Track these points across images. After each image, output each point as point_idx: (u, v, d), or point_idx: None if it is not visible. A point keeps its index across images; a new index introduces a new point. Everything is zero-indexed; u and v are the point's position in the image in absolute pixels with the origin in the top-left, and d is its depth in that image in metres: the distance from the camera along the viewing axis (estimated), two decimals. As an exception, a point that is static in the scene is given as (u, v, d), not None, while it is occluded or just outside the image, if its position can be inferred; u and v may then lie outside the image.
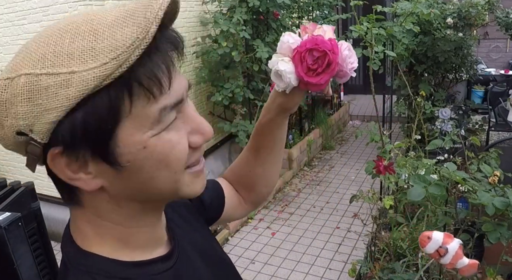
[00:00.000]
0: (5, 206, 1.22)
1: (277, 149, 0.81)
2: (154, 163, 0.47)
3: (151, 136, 0.46)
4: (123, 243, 0.53)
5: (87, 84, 0.41)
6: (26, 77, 0.42)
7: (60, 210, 3.44)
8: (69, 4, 2.76)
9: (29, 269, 1.18)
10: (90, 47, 0.41)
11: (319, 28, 0.68)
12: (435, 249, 0.97)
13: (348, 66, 0.68)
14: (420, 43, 3.83)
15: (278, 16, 3.91)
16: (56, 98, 0.41)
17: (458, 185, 1.61)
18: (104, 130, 0.43)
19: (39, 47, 0.43)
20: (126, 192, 0.49)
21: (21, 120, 0.42)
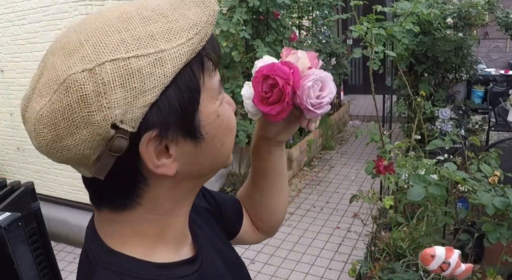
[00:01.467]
0: (5, 206, 1.22)
1: (272, 177, 0.77)
2: (224, 130, 0.51)
3: (218, 106, 0.50)
4: (152, 241, 0.52)
5: (180, 58, 0.43)
6: (112, 63, 0.40)
7: (60, 210, 3.44)
8: (69, 4, 2.76)
9: (29, 269, 1.18)
10: (167, 28, 0.43)
11: (293, 53, 0.63)
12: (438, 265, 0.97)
13: (309, 100, 0.60)
14: (420, 43, 3.83)
15: (278, 16, 3.91)
16: (152, 78, 0.41)
17: (458, 185, 1.61)
18: (193, 102, 0.46)
19: (108, 34, 0.41)
20: (196, 168, 0.51)
21: (117, 109, 0.40)
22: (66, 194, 3.39)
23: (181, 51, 0.43)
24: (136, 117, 0.41)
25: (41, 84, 0.42)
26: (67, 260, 3.25)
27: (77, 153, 0.42)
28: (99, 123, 0.40)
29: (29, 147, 3.45)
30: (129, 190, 0.48)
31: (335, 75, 5.58)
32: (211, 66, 0.48)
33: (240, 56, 3.58)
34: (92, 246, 0.52)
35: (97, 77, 0.39)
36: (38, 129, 0.42)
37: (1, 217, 1.11)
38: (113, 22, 0.43)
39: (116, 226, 0.51)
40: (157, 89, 0.42)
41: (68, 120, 0.40)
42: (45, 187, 3.48)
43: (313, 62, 0.63)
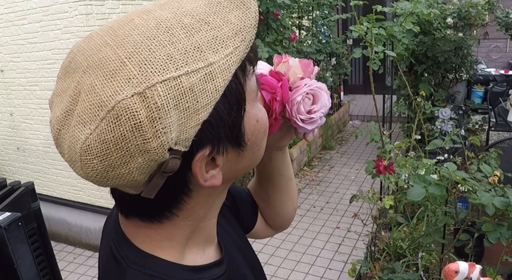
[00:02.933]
0: (5, 206, 1.22)
1: (277, 180, 0.75)
2: (262, 134, 0.49)
3: (257, 109, 0.48)
4: (182, 244, 0.51)
5: (230, 70, 0.40)
6: (163, 84, 0.37)
7: (60, 210, 3.44)
8: (69, 4, 2.76)
9: (29, 269, 1.18)
10: (212, 36, 0.40)
11: (284, 62, 0.59)
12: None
13: (299, 116, 0.56)
14: (420, 43, 3.83)
15: (278, 16, 3.91)
16: (205, 94, 0.39)
17: (458, 185, 1.61)
18: (240, 112, 0.43)
19: (152, 50, 0.38)
20: (232, 175, 0.50)
21: (172, 133, 0.37)
22: (66, 194, 3.39)
23: (230, 61, 0.40)
24: (190, 137, 0.39)
25: (80, 109, 0.38)
26: (67, 260, 3.25)
27: (130, 180, 0.40)
28: (155, 149, 0.38)
29: (29, 147, 3.45)
30: (171, 203, 0.47)
31: (335, 75, 5.59)
32: (251, 68, 0.46)
33: (240, 56, 3.57)
34: (120, 248, 0.50)
35: (150, 102, 0.36)
36: (86, 160, 0.39)
37: (1, 217, 1.11)
38: (153, 33, 0.39)
39: (145, 231, 0.49)
40: (210, 105, 0.39)
41: (122, 150, 0.37)
42: (45, 187, 3.48)
43: (306, 71, 0.58)
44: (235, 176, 0.52)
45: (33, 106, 3.28)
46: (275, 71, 0.58)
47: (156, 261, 0.48)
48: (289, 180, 0.78)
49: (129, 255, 0.49)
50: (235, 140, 0.45)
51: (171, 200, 0.46)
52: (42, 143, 3.35)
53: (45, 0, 2.87)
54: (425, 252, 2.25)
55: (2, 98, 3.46)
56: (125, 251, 0.49)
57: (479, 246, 2.26)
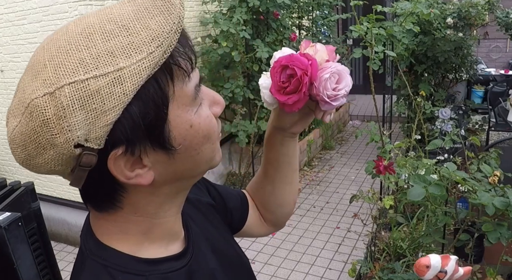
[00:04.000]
0: (5, 206, 1.22)
1: (284, 169, 0.78)
2: (200, 139, 0.50)
3: (193, 114, 0.48)
4: (140, 237, 0.53)
5: (141, 75, 0.41)
6: (70, 86, 0.40)
7: (60, 210, 3.44)
8: (69, 4, 2.76)
9: (29, 269, 1.18)
10: (128, 42, 0.42)
11: (311, 46, 0.64)
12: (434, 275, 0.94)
13: (326, 92, 0.61)
14: (420, 43, 3.83)
15: (278, 16, 3.91)
16: (112, 97, 0.41)
17: (458, 185, 1.61)
18: (159, 116, 0.44)
19: (69, 54, 0.41)
20: (172, 176, 0.51)
21: (78, 131, 0.41)
22: (66, 194, 3.39)
23: (142, 66, 0.41)
24: (100, 136, 0.42)
25: (14, 104, 0.44)
26: (67, 260, 3.25)
27: (50, 169, 0.44)
28: (62, 145, 0.41)
29: (29, 147, 3.45)
30: (109, 195, 0.49)
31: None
32: (184, 73, 0.46)
33: (240, 56, 3.58)
34: (86, 239, 0.54)
35: (57, 101, 0.40)
36: (13, 148, 0.44)
37: (1, 217, 1.11)
38: (75, 39, 0.42)
39: (103, 223, 0.53)
40: (118, 108, 0.41)
41: (35, 143, 0.42)
42: (45, 187, 3.48)
43: (331, 56, 0.63)
44: (180, 178, 0.52)
45: (33, 106, 3.28)
46: (304, 53, 0.63)
47: (112, 253, 0.51)
48: (294, 171, 0.80)
49: (90, 246, 0.53)
50: (157, 142, 0.46)
51: (105, 192, 0.49)
52: (42, 143, 3.35)
53: (45, 0, 2.87)
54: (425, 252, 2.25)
55: (2, 98, 3.46)
56: (88, 243, 0.53)
57: (479, 246, 2.26)
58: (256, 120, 3.76)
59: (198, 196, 0.73)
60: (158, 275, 0.53)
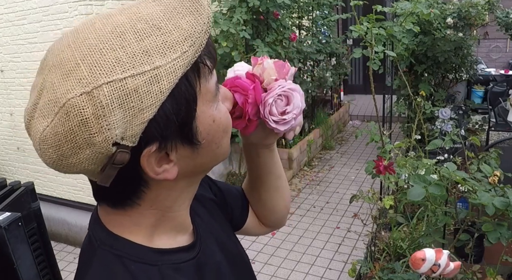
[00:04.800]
0: (5, 206, 1.22)
1: (266, 177, 0.77)
2: (221, 133, 0.52)
3: (214, 110, 0.50)
4: (151, 229, 0.54)
5: (176, 73, 0.43)
6: (109, 85, 0.40)
7: (60, 210, 3.44)
8: (69, 4, 2.76)
9: (29, 269, 1.18)
10: (162, 41, 0.43)
11: (259, 64, 0.60)
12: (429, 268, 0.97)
13: (271, 117, 0.58)
14: (420, 43, 3.83)
15: (278, 16, 3.91)
16: (150, 96, 0.42)
17: (458, 185, 1.61)
18: (190, 112, 0.46)
19: (103, 53, 0.42)
20: (192, 169, 0.52)
21: (117, 129, 0.41)
22: (66, 194, 3.39)
23: (177, 65, 0.43)
24: (136, 133, 0.43)
25: (41, 104, 0.43)
26: (67, 260, 3.25)
27: (82, 169, 0.45)
28: (100, 144, 0.42)
29: (29, 147, 3.45)
30: (131, 192, 0.50)
31: (335, 75, 5.59)
32: (208, 70, 0.48)
33: (240, 56, 3.58)
34: (95, 231, 0.55)
35: (96, 100, 0.40)
36: (44, 149, 0.44)
37: (1, 217, 1.11)
38: (107, 37, 0.42)
39: (115, 218, 0.53)
40: (155, 106, 0.42)
41: (71, 142, 0.42)
42: (45, 187, 3.48)
43: (281, 72, 0.59)
44: (197, 171, 0.55)
45: (33, 106, 3.28)
46: (251, 73, 0.60)
47: (124, 242, 0.52)
48: (278, 178, 0.79)
49: (101, 236, 0.53)
50: (186, 138, 0.48)
51: (130, 189, 0.50)
52: (42, 143, 3.35)
53: (45, 0, 2.87)
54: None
55: (2, 98, 3.46)
56: (98, 233, 0.54)
57: (479, 246, 2.26)
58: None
59: (202, 192, 0.73)
60: (169, 265, 0.54)
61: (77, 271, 0.55)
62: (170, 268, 0.53)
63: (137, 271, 0.51)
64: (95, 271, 0.51)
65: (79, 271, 0.54)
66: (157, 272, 0.52)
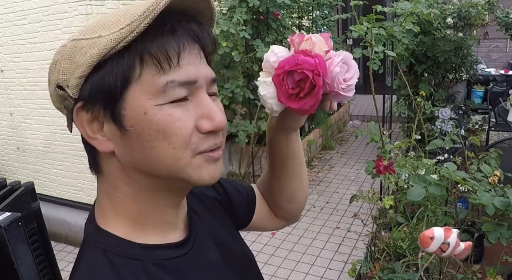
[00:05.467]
0: (5, 206, 1.22)
1: (290, 165, 0.78)
2: (153, 132, 0.51)
3: (154, 105, 0.50)
4: (134, 222, 0.56)
5: (106, 45, 0.49)
6: (71, 42, 0.52)
7: (60, 210, 3.44)
8: (69, 4, 2.76)
9: (29, 269, 1.18)
10: (116, 20, 0.50)
11: (306, 39, 0.59)
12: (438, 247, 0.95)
13: (340, 86, 0.58)
14: (420, 43, 3.83)
15: (278, 16, 3.91)
16: (85, 56, 0.50)
17: (458, 185, 1.61)
18: (116, 88, 0.50)
19: (90, 23, 0.53)
20: (132, 161, 0.54)
21: (61, 75, 0.52)
22: (66, 194, 3.39)
23: (110, 38, 0.49)
24: (74, 85, 0.51)
25: None
26: (67, 260, 3.25)
27: (54, 104, 0.57)
28: (52, 82, 0.54)
29: (29, 147, 3.45)
30: (92, 154, 0.56)
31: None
32: (156, 64, 0.50)
33: (240, 56, 3.58)
34: (87, 226, 0.58)
35: (62, 51, 0.53)
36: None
37: (1, 217, 1.11)
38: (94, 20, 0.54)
39: (100, 197, 0.58)
40: (86, 65, 0.50)
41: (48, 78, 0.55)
42: (45, 187, 3.48)
43: (329, 44, 0.60)
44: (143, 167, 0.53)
45: (33, 106, 3.28)
46: (302, 50, 0.59)
47: (109, 237, 0.55)
48: (302, 165, 0.80)
49: (91, 231, 0.57)
50: (112, 113, 0.51)
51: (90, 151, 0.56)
52: (42, 143, 3.35)
53: (45, 0, 2.87)
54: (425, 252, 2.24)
55: (2, 98, 3.46)
56: (89, 227, 0.58)
57: (479, 246, 2.26)
58: (256, 120, 3.76)
59: (204, 190, 0.74)
60: (153, 260, 0.55)
61: (74, 264, 0.57)
62: (155, 264, 0.54)
63: (121, 265, 0.52)
64: (83, 265, 0.54)
65: (75, 263, 0.57)
66: (141, 267, 0.53)
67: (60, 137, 3.22)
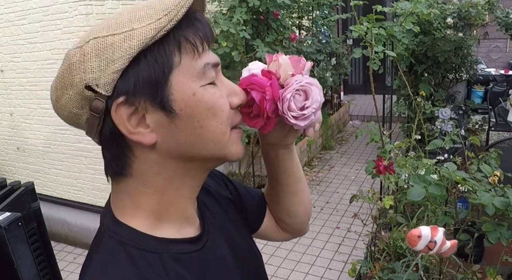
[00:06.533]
0: (5, 206, 1.22)
1: (285, 180, 0.76)
2: (203, 111, 0.53)
3: (199, 86, 0.53)
4: (154, 216, 0.57)
5: (146, 35, 0.49)
6: (94, 41, 0.50)
7: (60, 210, 3.44)
8: (69, 4, 2.76)
9: (29, 269, 1.18)
10: (145, 13, 0.51)
11: (274, 60, 0.59)
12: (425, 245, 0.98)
13: (290, 113, 0.57)
14: (420, 43, 3.83)
15: (278, 16, 3.91)
16: (121, 50, 0.49)
17: (458, 185, 1.61)
18: (160, 76, 0.51)
19: (103, 23, 0.52)
20: (177, 147, 0.54)
21: (90, 74, 0.49)
22: (66, 194, 3.39)
23: (148, 28, 0.49)
24: (108, 82, 0.49)
25: None
26: (67, 260, 3.25)
27: (70, 112, 0.52)
28: (77, 84, 0.50)
29: (29, 147, 3.45)
30: (120, 158, 0.54)
31: (335, 75, 5.58)
32: (192, 47, 0.52)
33: (240, 56, 3.57)
34: (105, 217, 0.58)
35: (82, 51, 0.50)
36: (50, 94, 0.55)
37: (1, 217, 1.11)
38: (111, 17, 0.53)
39: (119, 196, 0.57)
40: (124, 58, 0.49)
41: (61, 83, 0.52)
42: (45, 187, 3.48)
43: (297, 67, 0.59)
44: (183, 152, 0.54)
45: (33, 106, 3.28)
46: (266, 70, 0.59)
47: (127, 229, 0.55)
48: (297, 181, 0.78)
49: (108, 223, 0.57)
50: (159, 102, 0.51)
51: (119, 154, 0.54)
52: (42, 143, 3.35)
53: (45, 0, 2.87)
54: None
55: (2, 98, 3.46)
56: (106, 220, 0.58)
57: (479, 246, 2.26)
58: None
59: (219, 190, 0.75)
60: (171, 254, 0.55)
61: (87, 255, 0.57)
62: (172, 257, 0.55)
63: (138, 257, 0.53)
64: (100, 255, 0.54)
65: (89, 255, 0.56)
66: (158, 260, 0.54)
67: (60, 137, 3.22)
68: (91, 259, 0.55)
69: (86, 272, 0.54)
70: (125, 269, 0.52)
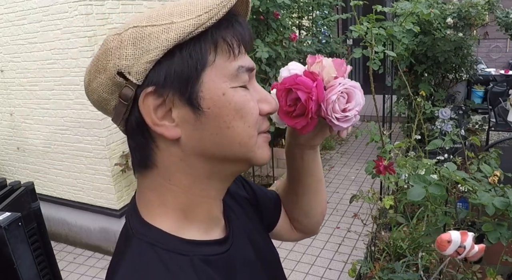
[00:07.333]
0: (5, 206, 1.22)
1: (307, 180, 0.77)
2: (231, 112, 0.53)
3: (229, 87, 0.53)
4: (183, 216, 0.56)
5: (184, 30, 0.50)
6: (133, 29, 0.51)
7: (60, 210, 3.45)
8: (69, 4, 2.76)
9: (29, 269, 1.18)
10: (187, 9, 0.51)
11: (318, 62, 0.60)
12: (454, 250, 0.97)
13: (334, 114, 0.58)
14: (420, 43, 3.83)
15: (278, 16, 3.91)
16: (157, 41, 0.50)
17: (458, 185, 1.61)
18: (192, 72, 0.51)
19: (145, 14, 0.53)
20: (201, 145, 0.54)
21: (124, 60, 0.50)
22: (66, 194, 3.39)
23: (187, 24, 0.50)
24: (140, 71, 0.50)
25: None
26: (67, 260, 3.25)
27: (100, 96, 0.54)
28: (110, 69, 0.51)
29: (29, 147, 3.45)
30: (144, 148, 0.55)
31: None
32: (229, 47, 0.53)
33: (240, 56, 3.57)
34: (131, 219, 0.58)
35: (120, 38, 0.51)
36: (84, 76, 0.56)
37: (1, 217, 1.11)
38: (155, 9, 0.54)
39: (145, 193, 0.57)
40: (159, 49, 0.49)
41: (96, 66, 0.53)
42: (45, 187, 3.48)
43: (340, 71, 0.60)
44: (208, 152, 0.54)
45: (33, 106, 3.28)
46: (309, 71, 0.60)
47: (156, 232, 0.55)
48: (318, 182, 0.79)
49: (135, 224, 0.57)
50: (188, 97, 0.51)
51: (143, 144, 0.54)
52: (42, 143, 3.35)
53: (45, 0, 2.87)
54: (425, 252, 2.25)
55: (2, 98, 3.46)
56: (133, 221, 0.57)
57: (479, 246, 2.25)
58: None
59: (237, 190, 0.75)
60: (201, 256, 0.55)
61: (113, 257, 0.57)
62: (201, 259, 0.55)
63: (169, 260, 0.53)
64: (129, 258, 0.53)
65: (115, 257, 0.56)
66: (189, 263, 0.54)
67: (60, 137, 3.22)
68: (119, 261, 0.54)
69: (115, 272, 0.53)
70: (156, 271, 0.51)
